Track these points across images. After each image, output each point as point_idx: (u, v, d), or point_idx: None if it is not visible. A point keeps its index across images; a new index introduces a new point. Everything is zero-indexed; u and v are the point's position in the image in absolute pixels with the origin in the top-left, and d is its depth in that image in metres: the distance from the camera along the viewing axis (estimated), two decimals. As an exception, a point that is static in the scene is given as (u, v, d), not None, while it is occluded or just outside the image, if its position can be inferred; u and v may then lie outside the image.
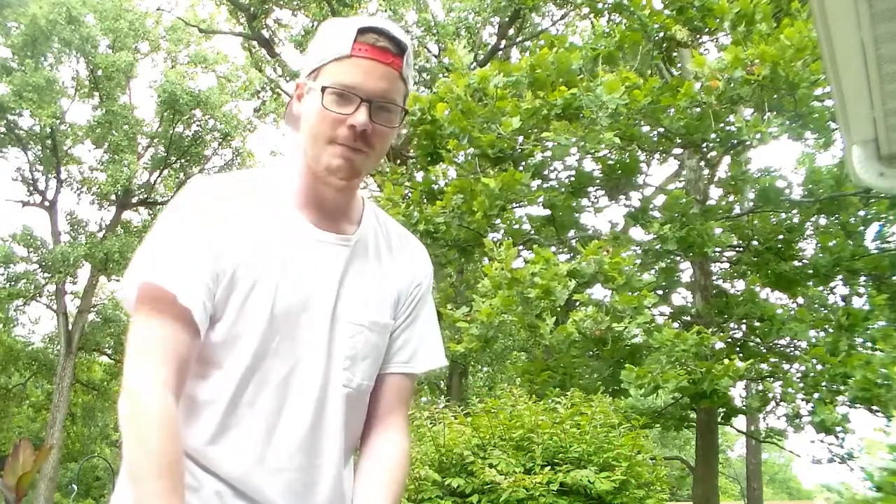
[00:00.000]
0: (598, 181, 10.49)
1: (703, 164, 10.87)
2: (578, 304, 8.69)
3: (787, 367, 10.08)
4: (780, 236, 10.12)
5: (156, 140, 23.67)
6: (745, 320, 10.33)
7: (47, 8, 20.23)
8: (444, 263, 11.09)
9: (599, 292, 8.94)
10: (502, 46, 18.00)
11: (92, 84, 22.57)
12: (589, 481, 5.24)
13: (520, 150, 9.40)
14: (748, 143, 8.66)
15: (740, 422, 14.16)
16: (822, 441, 9.58)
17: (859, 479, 8.86)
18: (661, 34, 9.52)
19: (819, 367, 8.57)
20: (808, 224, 10.38)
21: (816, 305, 10.44)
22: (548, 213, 10.24)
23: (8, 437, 24.25)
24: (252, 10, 18.21)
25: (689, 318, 10.61)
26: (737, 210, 10.32)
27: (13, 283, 21.86)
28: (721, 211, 10.24)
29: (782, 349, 10.56)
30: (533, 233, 10.38)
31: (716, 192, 11.24)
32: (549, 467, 5.41)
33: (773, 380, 10.17)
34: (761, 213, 10.09)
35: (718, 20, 8.89)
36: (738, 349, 10.30)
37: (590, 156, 9.70)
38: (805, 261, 10.23)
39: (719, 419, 10.73)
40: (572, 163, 10.39)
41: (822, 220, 10.44)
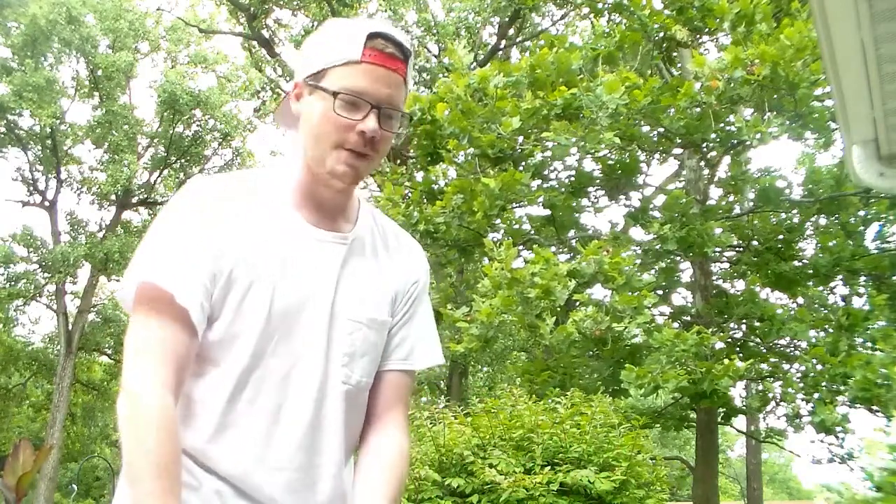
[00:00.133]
0: (598, 181, 10.48)
1: (703, 164, 10.86)
2: (578, 304, 8.69)
3: (787, 367, 10.08)
4: (780, 236, 10.11)
5: (156, 140, 23.67)
6: (745, 320, 10.33)
7: (47, 8, 20.23)
8: (444, 263, 11.09)
9: (599, 292, 8.94)
10: (502, 46, 18.00)
11: (92, 84, 22.57)
12: (589, 481, 5.24)
13: (520, 150, 9.40)
14: (748, 143, 8.66)
15: (740, 422, 14.17)
16: (822, 441, 9.59)
17: (859, 479, 8.87)
18: (661, 34, 9.51)
19: (819, 367, 8.57)
20: (808, 224, 10.38)
21: (816, 305, 10.43)
22: (548, 213, 10.24)
23: (8, 437, 24.25)
24: (252, 10, 18.21)
25: (689, 318, 10.60)
26: (737, 210, 10.31)
27: (13, 283, 21.87)
28: (721, 211, 10.24)
29: (782, 349, 10.56)
30: (533, 233, 10.37)
31: (716, 192, 11.25)
32: (549, 467, 5.41)
33: (773, 380, 10.16)
34: (761, 213, 10.09)
35: (718, 20, 8.89)
36: (738, 349, 10.29)
37: (590, 156, 9.70)
38: (805, 261, 10.22)
39: (719, 419, 10.73)
40: (572, 163, 10.40)
41: (822, 220, 10.44)
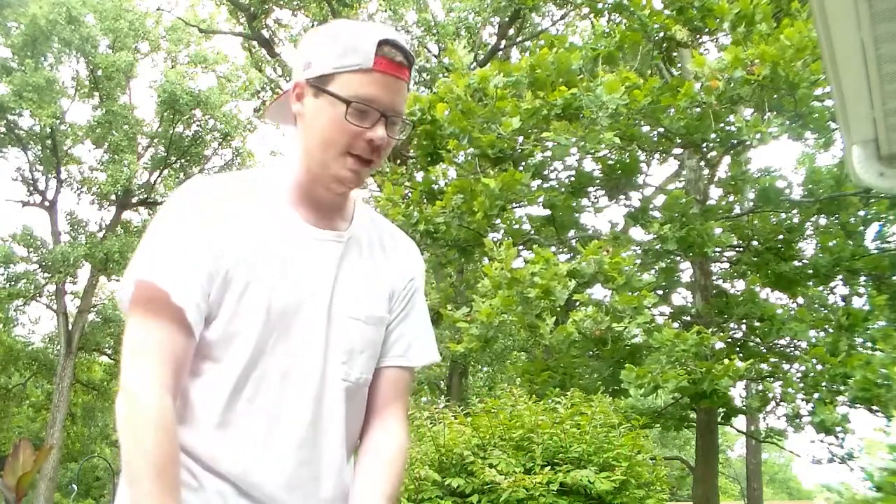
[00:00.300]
0: (598, 181, 10.48)
1: (703, 164, 10.86)
2: (578, 304, 8.69)
3: (787, 367, 10.08)
4: (780, 236, 10.11)
5: (156, 140, 23.67)
6: (745, 320, 10.33)
7: (47, 8, 20.22)
8: (444, 263, 11.09)
9: (599, 292, 8.94)
10: (502, 46, 18.00)
11: (92, 84, 22.57)
12: (589, 481, 5.24)
13: (520, 150, 9.40)
14: (748, 143, 8.66)
15: (740, 422, 14.17)
16: (822, 441, 9.58)
17: (859, 479, 8.86)
18: (661, 34, 9.51)
19: (819, 367, 8.57)
20: (808, 224, 10.37)
21: (816, 305, 10.43)
22: (548, 213, 10.24)
23: (8, 437, 24.25)
24: (252, 10, 18.21)
25: (689, 318, 10.60)
26: (737, 210, 10.31)
27: (13, 283, 21.87)
28: (721, 211, 10.24)
29: (782, 349, 10.55)
30: (533, 233, 10.36)
31: (716, 192, 11.25)
32: (549, 467, 5.40)
33: (773, 380, 10.16)
34: (761, 213, 10.09)
35: (718, 20, 8.89)
36: (738, 349, 10.29)
37: (590, 156, 9.69)
38: (805, 261, 10.22)
39: (719, 419, 10.73)
40: (572, 163, 10.39)
41: (822, 220, 10.43)
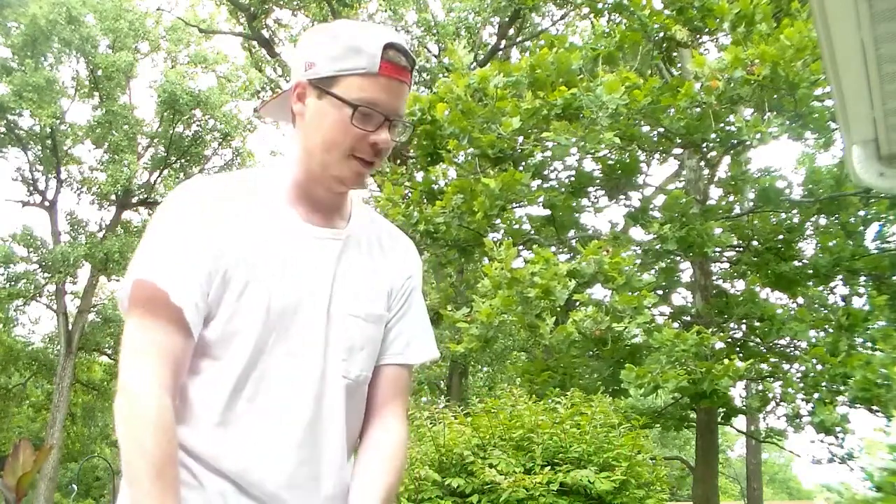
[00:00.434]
0: (598, 181, 10.48)
1: (703, 164, 10.86)
2: (578, 304, 8.69)
3: (787, 367, 10.08)
4: (780, 236, 10.11)
5: (156, 140, 23.67)
6: (745, 320, 10.33)
7: (47, 8, 20.22)
8: (444, 263, 11.09)
9: (599, 292, 8.94)
10: (502, 46, 18.00)
11: (92, 84, 22.57)
12: (589, 481, 5.23)
13: (520, 150, 9.40)
14: (748, 143, 8.66)
15: (740, 422, 14.17)
16: (822, 441, 9.58)
17: (859, 479, 8.85)
18: (661, 34, 9.51)
19: (819, 367, 8.57)
20: (808, 224, 10.37)
21: (816, 305, 10.43)
22: (548, 213, 10.24)
23: (8, 437, 24.25)
24: (252, 10, 18.21)
25: (689, 318, 10.60)
26: (737, 210, 10.31)
27: (13, 283, 21.87)
28: (721, 211, 10.24)
29: (782, 349, 10.55)
30: (533, 233, 10.36)
31: (716, 192, 11.25)
32: (549, 467, 5.40)
33: (773, 380, 10.16)
34: (761, 213, 10.09)
35: (718, 20, 8.89)
36: (738, 349, 10.29)
37: (590, 156, 9.69)
38: (805, 261, 10.22)
39: (719, 419, 10.73)
40: (572, 163, 10.39)
41: (822, 220, 10.43)
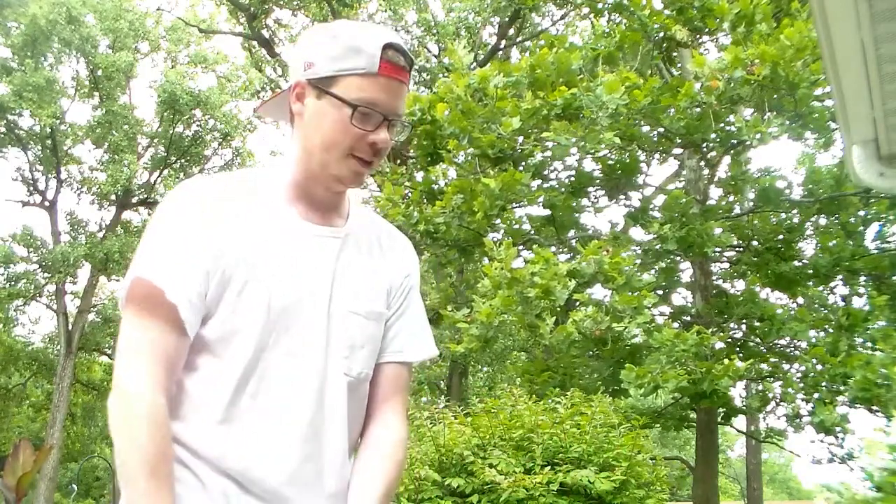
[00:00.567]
0: (598, 181, 10.48)
1: (703, 164, 10.86)
2: (578, 304, 8.69)
3: (787, 367, 10.08)
4: (780, 236, 10.11)
5: (156, 140, 23.66)
6: (745, 320, 10.33)
7: (47, 8, 20.22)
8: (444, 263, 11.10)
9: (599, 292, 8.94)
10: (502, 46, 18.00)
11: (92, 84, 22.56)
12: (589, 481, 5.23)
13: (520, 150, 9.40)
14: (748, 143, 8.66)
15: (740, 422, 14.18)
16: (822, 441, 9.58)
17: (859, 479, 8.85)
18: (661, 34, 9.51)
19: (819, 367, 8.57)
20: (808, 224, 10.37)
21: (816, 305, 10.43)
22: (548, 213, 10.24)
23: (8, 437, 24.25)
24: (252, 10, 18.21)
25: (689, 318, 10.60)
26: (737, 210, 10.31)
27: (13, 283, 21.87)
28: (721, 211, 10.24)
29: (782, 349, 10.55)
30: (533, 233, 10.36)
31: (716, 192, 11.25)
32: (549, 467, 5.40)
33: (773, 380, 10.16)
34: (761, 213, 10.09)
35: (718, 20, 8.89)
36: (738, 349, 10.29)
37: (590, 156, 9.69)
38: (805, 261, 10.22)
39: (719, 419, 10.73)
40: (572, 163, 10.39)
41: (822, 220, 10.43)
